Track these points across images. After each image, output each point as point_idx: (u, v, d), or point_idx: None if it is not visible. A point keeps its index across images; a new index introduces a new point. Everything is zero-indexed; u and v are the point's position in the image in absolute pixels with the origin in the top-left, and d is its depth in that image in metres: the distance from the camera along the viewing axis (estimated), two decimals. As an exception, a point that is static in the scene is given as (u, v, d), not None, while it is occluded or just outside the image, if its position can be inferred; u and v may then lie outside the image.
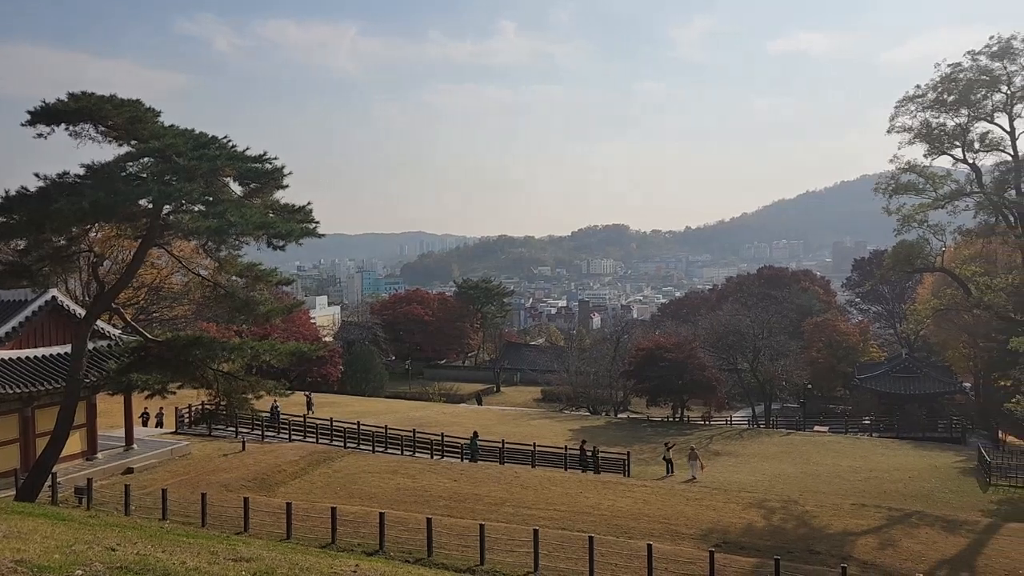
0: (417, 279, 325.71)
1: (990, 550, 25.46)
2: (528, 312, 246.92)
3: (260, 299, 27.76)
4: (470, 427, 48.97)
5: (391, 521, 23.09)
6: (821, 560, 23.63)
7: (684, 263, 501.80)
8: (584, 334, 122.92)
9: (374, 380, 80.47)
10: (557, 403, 76.82)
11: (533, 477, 34.07)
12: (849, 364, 74.52)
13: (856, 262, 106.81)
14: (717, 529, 26.74)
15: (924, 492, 36.46)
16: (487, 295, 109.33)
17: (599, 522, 26.87)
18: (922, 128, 41.31)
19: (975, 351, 64.47)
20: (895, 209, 41.96)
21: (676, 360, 60.79)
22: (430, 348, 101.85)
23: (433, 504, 28.76)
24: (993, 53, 39.56)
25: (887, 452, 47.25)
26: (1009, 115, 40.30)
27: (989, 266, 50.59)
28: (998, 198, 40.17)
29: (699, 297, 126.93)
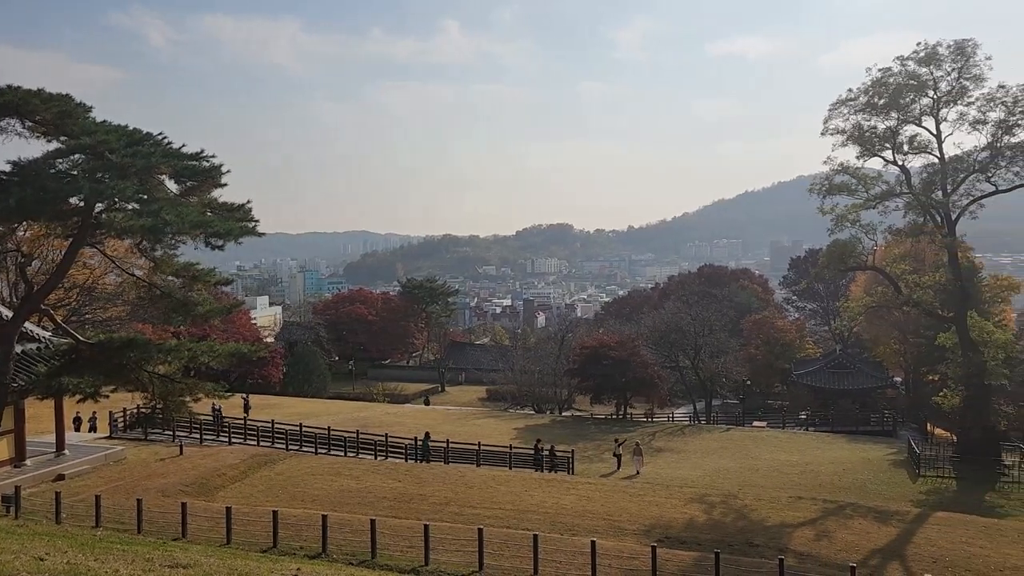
0: (361, 279, 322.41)
1: (919, 539, 26.35)
2: (473, 311, 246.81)
3: (198, 299, 27.20)
4: (414, 427, 48.70)
5: (334, 523, 22.82)
6: (760, 552, 24.14)
7: (627, 262, 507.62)
8: (529, 333, 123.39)
9: (317, 381, 79.44)
10: (502, 402, 76.91)
11: (478, 476, 34.06)
12: (786, 360, 76.37)
13: (793, 261, 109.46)
14: (659, 524, 27.11)
15: (857, 484, 37.54)
16: (432, 294, 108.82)
17: (544, 520, 27.01)
18: (854, 131, 42.62)
19: (905, 347, 66.65)
20: (829, 209, 43.21)
21: (619, 358, 61.39)
22: (374, 348, 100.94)
23: (377, 505, 28.54)
24: (921, 59, 41.01)
25: (822, 446, 48.52)
26: (936, 119, 41.84)
27: (918, 264, 52.46)
28: (926, 198, 41.68)
29: (642, 296, 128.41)
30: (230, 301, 42.74)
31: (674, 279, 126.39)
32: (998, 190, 41.90)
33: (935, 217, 42.87)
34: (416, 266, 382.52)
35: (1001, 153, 40.57)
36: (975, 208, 42.67)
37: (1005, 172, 41.09)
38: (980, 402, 42.40)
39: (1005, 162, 40.72)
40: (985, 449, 41.06)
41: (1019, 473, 38.13)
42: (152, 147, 23.46)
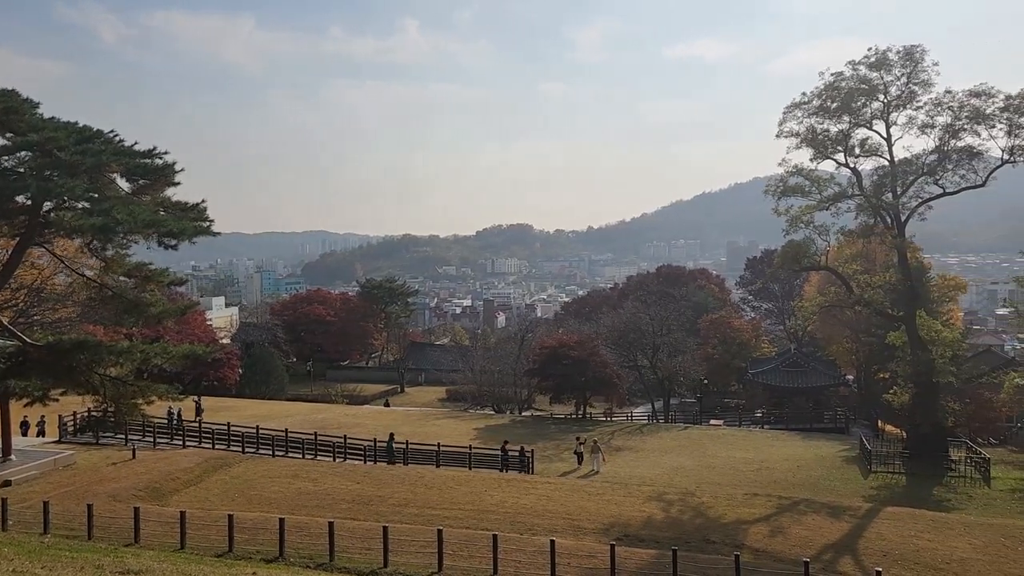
0: (319, 279, 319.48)
1: (870, 533, 26.93)
2: (433, 312, 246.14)
3: (151, 300, 26.72)
4: (374, 429, 48.38)
5: (292, 526, 22.59)
6: (716, 549, 24.47)
7: (587, 262, 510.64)
8: (489, 333, 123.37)
9: (274, 382, 78.45)
10: (462, 403, 76.79)
11: (438, 477, 33.97)
12: (742, 359, 77.46)
13: (749, 261, 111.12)
14: (618, 523, 27.31)
15: (811, 481, 38.23)
16: (391, 295, 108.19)
17: (503, 520, 27.04)
18: (808, 133, 43.38)
19: (857, 345, 68.05)
20: (784, 210, 43.93)
21: (579, 358, 61.70)
22: (333, 349, 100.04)
23: (335, 507, 28.30)
24: (871, 64, 41.93)
25: (777, 443, 49.32)
26: (886, 122, 42.81)
27: (869, 265, 53.69)
28: (876, 200, 42.62)
29: (601, 296, 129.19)
30: (184, 302, 41.98)
31: (633, 279, 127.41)
32: (945, 192, 42.99)
33: (885, 218, 43.85)
34: (375, 266, 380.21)
35: (948, 156, 41.64)
36: (923, 210, 43.74)
37: (951, 175, 42.17)
38: (928, 399, 43.46)
39: (952, 165, 41.81)
40: (933, 445, 42.11)
41: (965, 468, 39.19)
42: (103, 144, 22.97)
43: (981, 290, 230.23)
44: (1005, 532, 27.51)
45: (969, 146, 41.24)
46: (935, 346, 42.89)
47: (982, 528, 27.96)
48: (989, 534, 27.10)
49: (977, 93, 40.40)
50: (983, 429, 54.88)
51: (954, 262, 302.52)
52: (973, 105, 40.35)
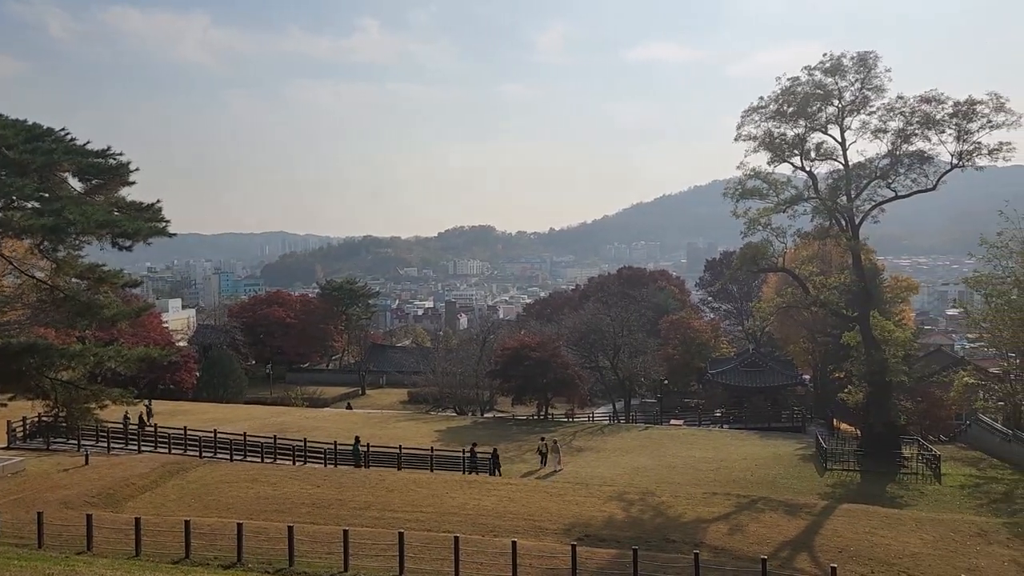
0: (279, 280, 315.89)
1: (826, 530, 27.43)
2: (394, 313, 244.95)
3: (104, 302, 26.17)
4: (334, 432, 47.98)
5: (250, 531, 22.29)
6: (676, 548, 24.69)
7: (549, 263, 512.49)
8: (451, 335, 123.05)
9: (232, 386, 77.38)
10: (424, 404, 76.54)
11: (399, 480, 33.80)
12: (702, 360, 78.35)
13: (708, 263, 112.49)
14: (579, 523, 27.43)
15: (769, 479, 38.81)
16: (352, 296, 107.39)
17: (465, 522, 26.98)
18: (765, 137, 44.05)
19: (813, 345, 69.28)
20: (742, 212, 44.55)
21: (540, 359, 61.87)
22: (292, 351, 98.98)
23: (295, 512, 28.00)
24: (826, 69, 42.72)
25: (736, 442, 49.97)
26: (841, 127, 43.67)
27: (824, 266, 54.72)
28: (832, 203, 43.43)
29: (563, 297, 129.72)
30: (139, 304, 41.17)
31: (594, 280, 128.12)
32: (897, 196, 43.97)
33: (840, 221, 44.69)
34: (336, 267, 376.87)
35: (900, 161, 42.60)
36: (877, 213, 44.67)
37: (903, 179, 43.14)
38: (882, 398, 44.39)
39: (903, 169, 42.76)
40: (886, 443, 43.04)
41: (917, 465, 40.10)
42: (54, 143, 22.47)
43: (932, 291, 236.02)
44: (954, 527, 28.22)
45: (920, 151, 42.25)
46: (888, 346, 43.82)
47: (933, 523, 28.65)
48: (940, 529, 27.78)
49: (928, 99, 41.39)
50: (934, 427, 56.21)
51: (906, 264, 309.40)
52: (924, 111, 41.34)
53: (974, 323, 52.09)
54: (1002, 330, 44.99)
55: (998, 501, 34.44)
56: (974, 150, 40.87)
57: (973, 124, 40.45)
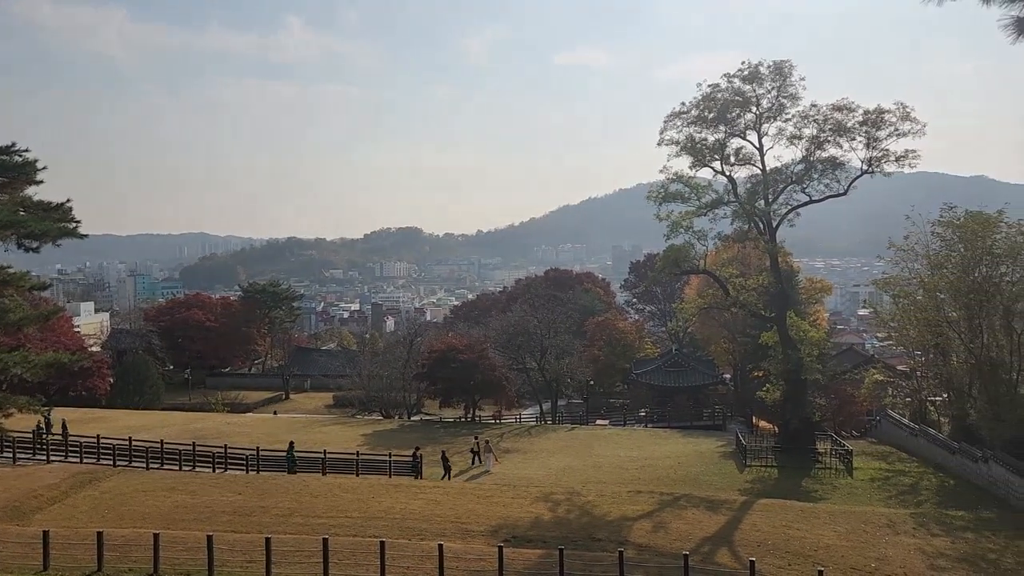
0: (198, 283, 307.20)
1: (745, 525, 28.19)
2: (320, 316, 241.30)
3: (10, 306, 25.00)
4: (257, 437, 46.96)
5: (168, 541, 21.60)
6: (602, 546, 24.98)
7: (476, 266, 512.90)
8: (377, 337, 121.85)
9: (149, 392, 74.90)
10: (350, 408, 75.60)
11: (324, 485, 33.25)
12: (627, 360, 79.59)
13: (633, 265, 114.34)
14: (506, 524, 27.48)
15: (691, 476, 39.66)
16: (275, 299, 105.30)
17: (392, 526, 26.73)
18: (687, 142, 45.02)
19: (733, 345, 71.14)
20: (665, 216, 45.43)
21: (468, 361, 61.82)
22: (213, 356, 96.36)
23: (215, 520, 27.23)
24: (745, 77, 43.97)
25: (660, 441, 50.93)
26: (758, 133, 45.01)
27: (744, 268, 56.21)
28: (750, 207, 44.68)
29: (490, 299, 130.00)
30: (48, 307, 39.47)
31: (521, 282, 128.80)
32: (812, 200, 45.58)
33: (758, 224, 46.01)
34: (259, 270, 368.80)
35: (813, 166, 44.16)
36: (793, 216, 46.19)
37: (817, 184, 44.75)
38: (798, 396, 45.90)
39: (817, 174, 44.35)
40: (802, 439, 44.49)
41: (831, 460, 41.59)
42: (-46, 139, 21.30)
43: (845, 292, 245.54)
44: (865, 519, 29.39)
45: (832, 157, 43.88)
46: (803, 345, 45.30)
47: (845, 516, 29.77)
48: (852, 521, 28.88)
49: (839, 107, 43.05)
50: (846, 423, 58.46)
51: (820, 266, 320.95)
52: (836, 119, 42.97)
53: (883, 323, 54.27)
54: (909, 329, 46.99)
55: (905, 493, 36.01)
56: (882, 157, 42.71)
57: (881, 132, 42.28)
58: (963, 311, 40.74)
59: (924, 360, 49.88)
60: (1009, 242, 39.23)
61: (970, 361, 40.62)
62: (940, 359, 45.34)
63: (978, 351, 39.27)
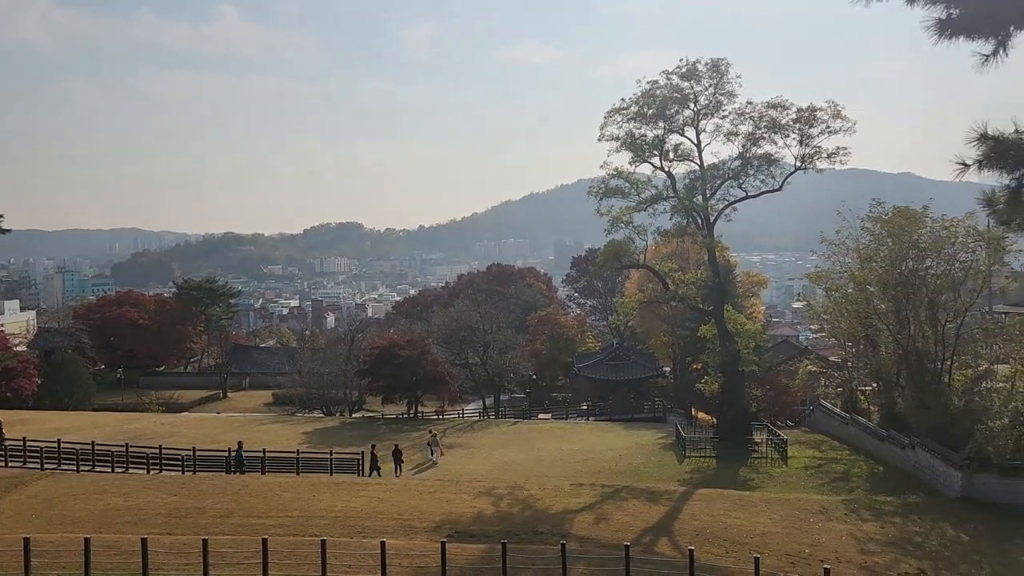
0: (131, 280, 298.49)
1: (684, 515, 28.70)
2: (258, 313, 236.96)
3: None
4: (193, 438, 45.95)
5: (100, 546, 20.96)
6: (544, 540, 25.12)
7: (418, 261, 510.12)
8: (318, 334, 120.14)
9: (79, 392, 72.54)
10: (290, 406, 74.52)
11: (263, 484, 32.68)
12: (569, 354, 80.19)
13: (574, 260, 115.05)
14: (449, 520, 27.43)
15: (632, 468, 40.16)
16: (212, 296, 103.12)
17: (333, 524, 26.42)
18: (627, 138, 45.48)
19: (673, 338, 72.22)
20: (606, 211, 45.86)
21: (410, 357, 61.49)
22: (147, 354, 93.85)
23: (150, 523, 26.53)
24: (683, 74, 44.61)
25: (601, 434, 51.46)
26: (696, 129, 45.74)
27: (683, 263, 57.18)
28: (688, 202, 45.44)
29: (432, 294, 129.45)
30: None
31: (464, 278, 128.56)
32: (748, 195, 46.57)
33: (697, 219, 46.82)
34: (195, 266, 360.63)
35: (749, 163, 45.14)
36: (730, 212, 47.10)
37: (753, 180, 45.76)
38: (735, 387, 46.89)
39: (753, 171, 45.35)
40: (739, 429, 45.48)
41: (767, 450, 42.61)
42: None
43: (780, 286, 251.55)
44: (799, 506, 30.23)
45: (767, 153, 44.92)
46: (740, 338, 46.29)
47: (780, 503, 30.56)
48: (786, 509, 29.67)
49: (774, 105, 44.06)
50: (782, 413, 59.89)
51: (757, 260, 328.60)
52: (771, 116, 43.98)
53: (816, 315, 55.74)
54: (840, 321, 48.36)
55: (837, 480, 37.13)
56: (815, 153, 43.89)
57: (814, 129, 43.45)
58: (891, 303, 42.08)
59: (855, 351, 51.35)
60: (934, 236, 40.66)
61: (898, 352, 41.99)
62: (870, 350, 46.77)
63: (905, 342, 40.62)
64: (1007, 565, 25.05)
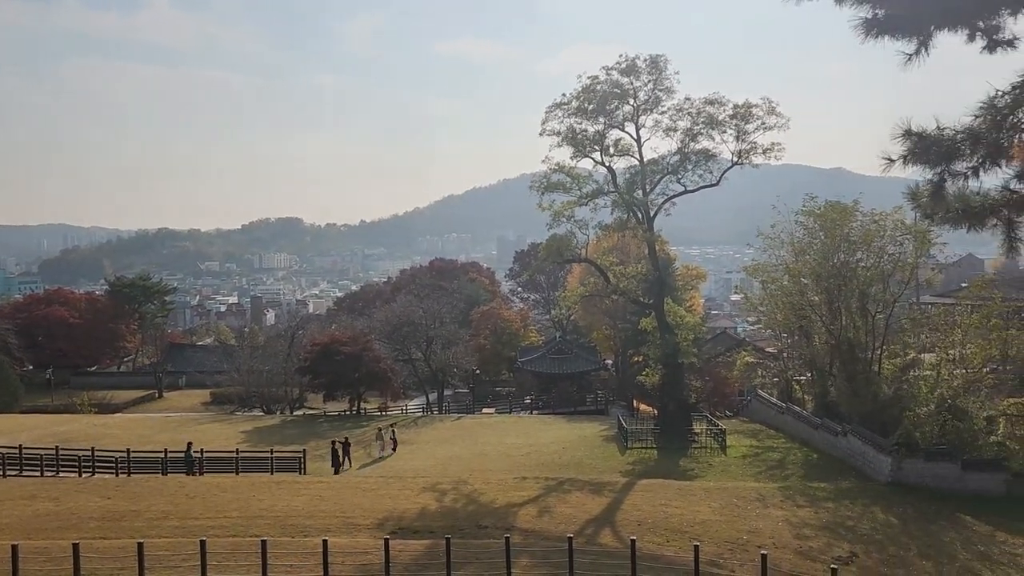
0: (60, 277, 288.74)
1: (626, 505, 29.07)
2: (195, 310, 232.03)
3: None
4: (127, 439, 44.80)
5: (29, 553, 20.27)
6: (488, 534, 25.17)
7: (360, 256, 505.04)
8: (257, 331, 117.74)
9: (5, 394, 69.97)
10: (229, 405, 73.09)
11: (201, 485, 32.02)
12: (512, 349, 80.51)
13: (517, 254, 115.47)
14: (392, 517, 27.26)
15: (575, 460, 40.51)
16: (145, 293, 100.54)
17: (274, 524, 26.02)
18: (568, 133, 45.72)
19: (614, 331, 73.11)
20: (548, 205, 46.07)
21: (352, 353, 60.90)
22: (78, 354, 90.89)
23: (82, 527, 25.73)
24: (623, 69, 45.01)
25: (545, 427, 51.77)
26: (636, 125, 46.21)
27: (624, 257, 57.78)
28: (629, 197, 45.92)
29: (374, 290, 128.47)
30: None
31: (406, 273, 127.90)
32: (687, 190, 47.29)
33: (637, 214, 47.34)
34: (128, 263, 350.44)
35: (688, 158, 45.80)
36: (669, 206, 47.76)
37: (692, 174, 46.43)
38: (675, 379, 47.61)
39: (691, 166, 46.03)
40: (679, 420, 46.24)
41: (706, 440, 43.46)
42: None
43: (718, 279, 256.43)
44: (737, 494, 30.91)
45: (705, 148, 45.61)
46: (680, 330, 47.04)
47: (719, 492, 31.21)
48: (725, 497, 30.30)
49: (711, 101, 44.80)
50: (720, 403, 61.18)
51: (696, 254, 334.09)
52: (708, 112, 44.69)
53: (753, 307, 56.94)
54: (776, 313, 49.53)
55: (774, 468, 38.08)
56: (751, 149, 44.77)
57: (750, 125, 44.30)
58: (824, 295, 43.30)
59: (790, 342, 52.67)
60: (864, 230, 41.96)
61: (830, 342, 43.22)
62: (804, 341, 48.03)
63: (837, 332, 41.85)
64: (932, 546, 26.08)
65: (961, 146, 11.93)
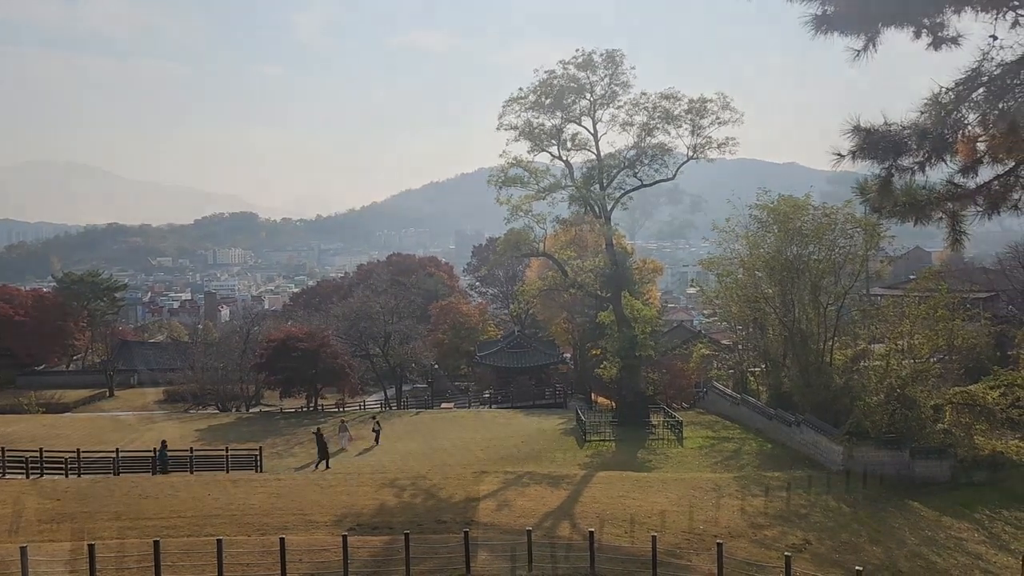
0: (5, 274, 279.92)
1: (585, 498, 29.29)
2: (147, 307, 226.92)
3: None
4: (77, 439, 43.79)
5: (-28, 558, 19.70)
6: (447, 528, 25.15)
7: (316, 251, 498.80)
8: (211, 328, 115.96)
9: (-52, 395, 67.76)
10: (182, 403, 71.78)
11: (154, 485, 31.42)
12: (471, 343, 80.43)
13: (475, 248, 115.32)
14: (351, 513, 27.09)
15: (534, 454, 40.67)
16: (95, 290, 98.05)
17: (230, 523, 25.67)
18: (525, 127, 45.87)
19: (572, 325, 73.45)
20: (505, 200, 46.15)
21: (309, 349, 60.24)
22: (24, 353, 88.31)
23: (30, 530, 25.08)
24: (579, 64, 45.24)
25: (504, 421, 51.86)
26: (593, 119, 46.51)
27: (581, 251, 58.09)
28: (586, 191, 46.23)
29: (331, 285, 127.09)
30: None
31: (363, 268, 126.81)
32: (643, 184, 47.73)
33: (594, 208, 47.66)
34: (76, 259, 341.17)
35: (644, 152, 46.27)
36: (626, 200, 48.20)
37: (648, 169, 46.93)
38: (632, 372, 48.13)
39: (647, 160, 46.51)
40: (637, 412, 46.77)
41: (663, 431, 43.95)
42: None
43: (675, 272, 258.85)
44: (694, 485, 31.34)
45: (661, 143, 46.14)
46: (637, 323, 47.51)
47: (677, 483, 31.61)
48: (682, 488, 30.70)
49: (667, 96, 45.26)
50: (677, 395, 61.93)
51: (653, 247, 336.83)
52: (664, 107, 45.16)
53: (709, 300, 57.80)
54: (731, 306, 50.28)
55: (729, 458, 38.67)
56: (706, 143, 45.41)
57: (705, 120, 44.91)
58: (777, 287, 44.06)
59: (745, 334, 53.52)
60: (815, 223, 42.78)
61: (784, 334, 44.02)
62: (758, 332, 48.84)
63: (790, 324, 42.63)
64: (882, 531, 26.74)
65: (908, 141, 12.21)
